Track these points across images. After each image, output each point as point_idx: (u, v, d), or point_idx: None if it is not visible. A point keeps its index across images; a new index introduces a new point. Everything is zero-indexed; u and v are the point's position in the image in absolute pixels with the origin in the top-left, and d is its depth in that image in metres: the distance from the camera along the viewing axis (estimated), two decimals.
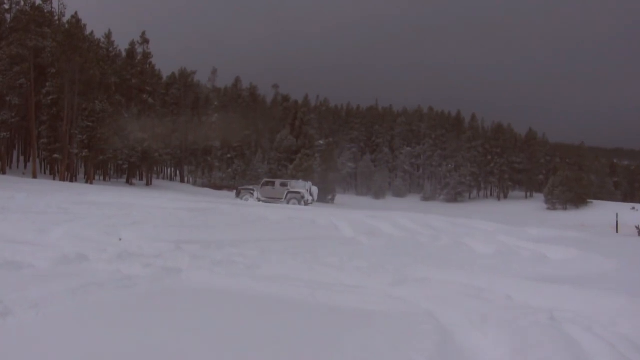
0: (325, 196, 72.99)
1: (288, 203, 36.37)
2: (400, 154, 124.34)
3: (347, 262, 10.31)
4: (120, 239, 11.87)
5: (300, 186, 39.05)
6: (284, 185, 38.80)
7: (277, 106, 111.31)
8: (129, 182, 66.91)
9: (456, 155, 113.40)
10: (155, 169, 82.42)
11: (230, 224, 17.27)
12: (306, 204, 37.10)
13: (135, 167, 69.44)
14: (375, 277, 8.79)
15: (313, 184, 41.11)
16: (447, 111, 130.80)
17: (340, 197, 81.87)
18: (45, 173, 63.68)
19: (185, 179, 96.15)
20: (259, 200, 37.37)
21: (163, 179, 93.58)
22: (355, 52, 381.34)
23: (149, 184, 69.67)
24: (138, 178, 74.97)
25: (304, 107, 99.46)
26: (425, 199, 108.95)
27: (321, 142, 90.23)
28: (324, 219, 20.25)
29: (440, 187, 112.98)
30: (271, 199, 37.33)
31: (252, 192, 38.67)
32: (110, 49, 71.20)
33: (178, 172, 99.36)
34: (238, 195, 39.27)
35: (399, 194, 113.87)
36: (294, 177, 59.43)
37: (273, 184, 39.28)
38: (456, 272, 9.78)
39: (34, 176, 51.75)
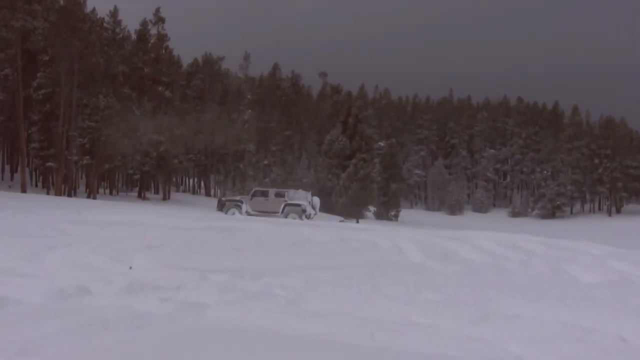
0: (387, 212, 72.94)
1: (286, 217, 36.43)
2: (481, 157, 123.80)
3: (415, 294, 10.29)
4: (131, 267, 12.03)
5: (301, 197, 39.00)
6: (279, 195, 38.83)
7: (326, 99, 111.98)
8: (141, 196, 67.89)
9: (553, 158, 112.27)
10: (174, 179, 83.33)
11: (268, 247, 17.36)
12: (308, 218, 37.19)
13: (150, 178, 70.36)
14: (450, 312, 8.76)
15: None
16: (541, 103, 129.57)
17: (406, 213, 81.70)
18: (36, 186, 64.97)
19: (212, 192, 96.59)
20: (248, 214, 37.27)
21: (184, 191, 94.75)
22: (423, 30, 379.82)
23: (166, 198, 70.57)
24: (153, 191, 76.03)
25: (359, 100, 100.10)
26: (514, 214, 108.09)
27: (381, 143, 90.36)
28: (384, 240, 20.20)
29: (533, 199, 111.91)
30: (264, 213, 37.28)
31: (239, 204, 38.63)
32: (117, 30, 72.42)
33: (203, 184, 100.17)
34: (221, 208, 39.11)
35: (480, 208, 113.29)
36: (348, 188, 59.54)
37: (266, 194, 39.28)
38: (554, 306, 9.67)
39: (23, 190, 52.61)
